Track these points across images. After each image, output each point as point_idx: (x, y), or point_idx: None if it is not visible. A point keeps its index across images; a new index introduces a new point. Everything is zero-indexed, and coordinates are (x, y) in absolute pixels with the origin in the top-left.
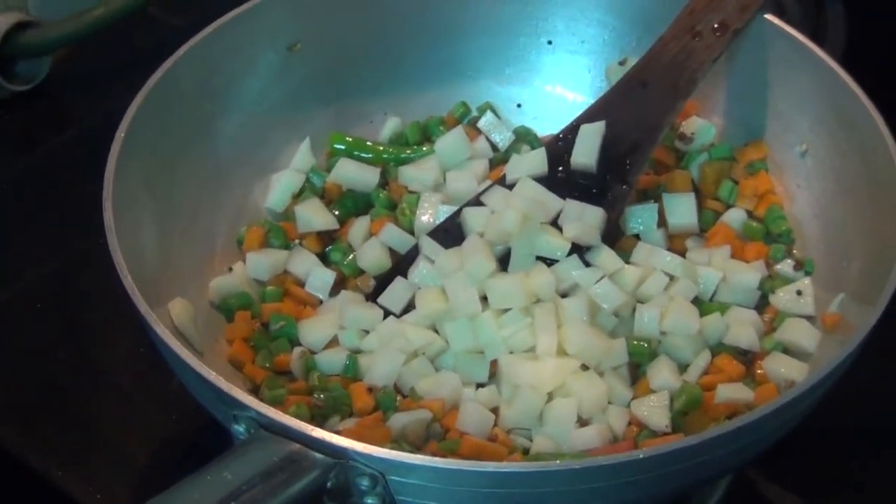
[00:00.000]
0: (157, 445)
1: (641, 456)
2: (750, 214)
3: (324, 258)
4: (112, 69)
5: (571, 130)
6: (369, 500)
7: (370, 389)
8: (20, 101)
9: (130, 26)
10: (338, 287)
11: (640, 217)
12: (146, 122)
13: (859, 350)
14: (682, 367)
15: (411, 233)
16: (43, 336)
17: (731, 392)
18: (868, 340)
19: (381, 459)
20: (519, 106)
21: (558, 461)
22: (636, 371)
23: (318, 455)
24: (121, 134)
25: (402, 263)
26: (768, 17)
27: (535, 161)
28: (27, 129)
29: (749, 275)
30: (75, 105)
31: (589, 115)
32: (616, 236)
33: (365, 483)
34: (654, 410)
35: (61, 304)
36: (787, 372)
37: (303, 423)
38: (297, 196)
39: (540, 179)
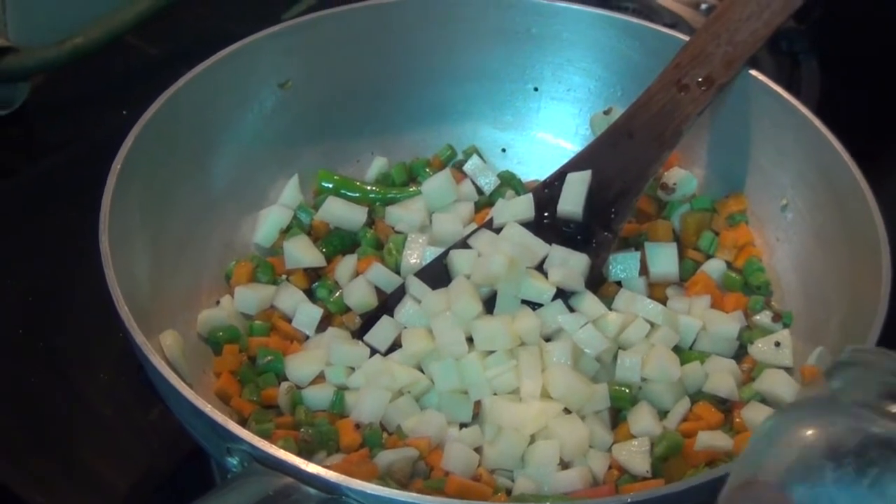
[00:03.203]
0: (138, 474)
1: (630, 500)
2: (729, 265)
3: (310, 294)
4: (89, 96)
5: (558, 177)
6: None
7: (357, 426)
8: None
9: (107, 54)
10: (323, 323)
11: (622, 264)
12: (141, 155)
13: None
14: (662, 414)
15: (397, 272)
16: (23, 363)
17: (711, 440)
18: None
19: (376, 496)
20: (503, 150)
21: (549, 503)
22: (617, 416)
23: (311, 489)
24: (117, 166)
25: (388, 302)
26: (753, 72)
27: (522, 206)
28: (3, 155)
29: (728, 325)
30: (53, 131)
31: (575, 164)
32: (599, 282)
33: None
34: (635, 455)
35: (42, 332)
36: None
37: (297, 458)
38: (285, 232)
39: (526, 224)
